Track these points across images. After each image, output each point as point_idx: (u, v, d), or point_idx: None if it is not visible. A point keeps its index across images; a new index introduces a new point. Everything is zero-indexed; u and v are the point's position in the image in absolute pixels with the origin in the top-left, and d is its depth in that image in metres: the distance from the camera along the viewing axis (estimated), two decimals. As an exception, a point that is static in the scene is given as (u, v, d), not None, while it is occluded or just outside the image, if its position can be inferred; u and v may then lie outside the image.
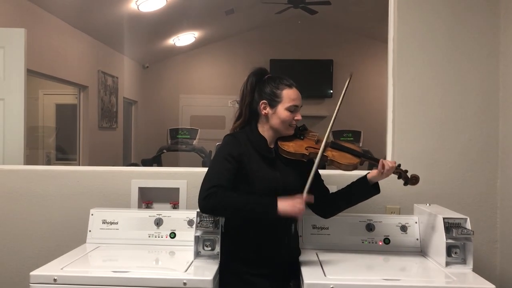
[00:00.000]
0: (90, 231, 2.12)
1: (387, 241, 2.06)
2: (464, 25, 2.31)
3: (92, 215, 2.15)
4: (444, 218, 1.84)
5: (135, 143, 7.06)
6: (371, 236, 2.07)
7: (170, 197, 2.35)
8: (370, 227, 2.08)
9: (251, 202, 1.73)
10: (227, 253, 1.86)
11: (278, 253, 1.85)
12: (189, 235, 2.03)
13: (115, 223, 2.13)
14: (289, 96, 1.83)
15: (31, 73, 3.77)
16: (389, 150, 2.36)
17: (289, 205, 1.70)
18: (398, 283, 1.63)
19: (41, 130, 5.91)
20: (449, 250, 1.81)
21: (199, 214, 1.87)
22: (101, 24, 5.50)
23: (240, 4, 6.05)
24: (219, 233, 1.87)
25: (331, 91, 7.05)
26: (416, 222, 2.08)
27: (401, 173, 1.87)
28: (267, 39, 6.80)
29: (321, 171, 1.99)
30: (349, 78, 1.88)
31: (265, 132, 1.88)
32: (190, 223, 2.10)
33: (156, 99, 7.20)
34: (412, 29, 2.32)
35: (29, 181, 2.41)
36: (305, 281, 1.64)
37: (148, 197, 2.37)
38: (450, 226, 1.83)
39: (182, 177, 2.36)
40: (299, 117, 1.86)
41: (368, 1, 5.59)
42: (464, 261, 1.81)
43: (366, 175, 1.87)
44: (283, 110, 1.83)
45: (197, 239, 1.89)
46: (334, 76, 7.03)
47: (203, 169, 2.08)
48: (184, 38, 6.76)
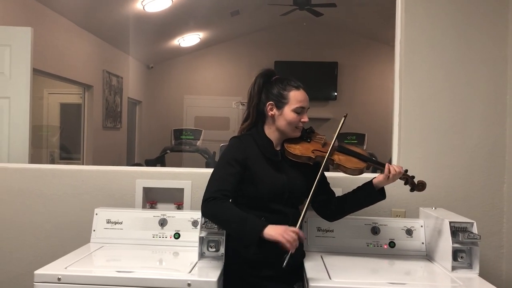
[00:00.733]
0: (94, 230, 2.12)
1: (392, 244, 2.05)
2: (472, 28, 2.30)
3: (97, 214, 2.15)
4: (450, 222, 1.83)
5: (139, 143, 7.05)
6: (376, 239, 2.06)
7: (174, 197, 2.35)
8: (375, 230, 2.07)
9: (240, 218, 1.68)
10: (232, 255, 1.85)
11: (283, 255, 1.83)
12: (193, 236, 2.03)
13: (119, 223, 2.13)
14: (296, 98, 1.82)
15: (36, 72, 3.77)
16: (394, 153, 2.35)
17: (277, 232, 1.62)
18: (404, 287, 1.62)
19: (45, 129, 5.91)
20: (455, 254, 1.80)
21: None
22: (106, 24, 5.51)
23: (246, 6, 6.05)
24: (223, 234, 1.87)
25: (336, 93, 7.03)
26: (421, 226, 2.07)
27: (408, 178, 1.85)
28: (272, 41, 6.79)
29: (326, 173, 1.97)
30: (343, 118, 1.87)
31: (272, 134, 1.88)
32: (195, 223, 2.09)
33: (160, 100, 7.19)
34: (419, 32, 2.31)
35: (34, 180, 2.41)
36: (310, 283, 1.63)
37: (153, 197, 2.36)
38: (456, 230, 1.82)
39: (187, 177, 2.35)
40: (305, 119, 1.85)
41: (373, 4, 5.57)
42: (470, 266, 1.80)
43: (371, 180, 1.85)
44: (289, 111, 1.82)
45: (201, 240, 1.88)
46: (338, 79, 7.01)
47: (208, 170, 2.08)
48: (189, 39, 6.75)
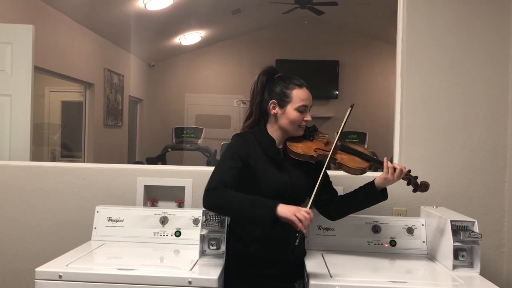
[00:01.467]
0: (95, 228, 2.12)
1: (393, 243, 2.05)
2: (474, 27, 2.29)
3: (98, 212, 2.15)
4: (451, 221, 1.83)
5: (140, 141, 7.05)
6: (377, 238, 2.06)
7: (175, 195, 2.35)
8: (376, 229, 2.07)
9: (250, 200, 1.65)
10: (233, 253, 1.85)
11: (284, 254, 1.83)
12: (194, 233, 2.03)
13: (120, 220, 2.13)
14: (299, 96, 1.81)
15: (38, 70, 3.77)
16: (396, 152, 2.35)
17: (290, 210, 1.60)
18: (405, 285, 1.62)
19: (46, 127, 5.91)
20: (456, 253, 1.80)
21: (205, 213, 1.86)
22: (108, 22, 5.51)
23: (247, 4, 6.04)
24: (224, 232, 1.87)
25: (337, 92, 7.03)
26: (422, 225, 2.07)
27: (410, 179, 1.83)
28: (273, 39, 6.78)
29: (328, 171, 1.96)
30: (350, 108, 1.85)
31: (274, 132, 1.87)
32: (196, 221, 2.09)
33: (161, 98, 7.19)
34: (421, 30, 2.31)
35: (35, 178, 2.42)
36: (311, 282, 1.63)
37: (154, 195, 2.37)
38: (457, 229, 1.82)
39: (188, 175, 2.35)
40: (308, 117, 1.84)
41: (375, 2, 5.56)
42: (471, 265, 1.80)
43: (373, 180, 1.84)
44: (292, 110, 1.81)
45: (202, 238, 1.88)
46: (340, 77, 7.00)
47: (209, 168, 2.07)
48: (190, 37, 6.75)
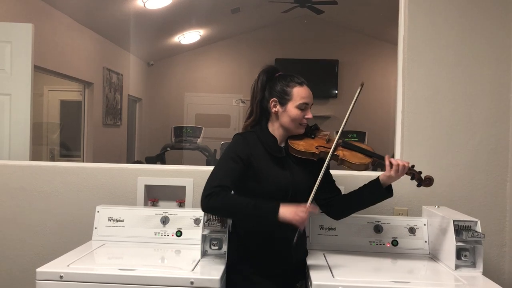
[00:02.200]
0: (96, 228, 2.11)
1: (395, 243, 2.04)
2: (476, 25, 2.29)
3: (98, 212, 2.14)
4: (454, 221, 1.82)
5: (139, 141, 7.03)
6: (379, 238, 2.05)
7: (176, 195, 2.34)
8: (378, 229, 2.06)
9: (252, 205, 1.68)
10: (234, 253, 1.85)
11: (286, 253, 1.82)
12: (195, 233, 2.02)
13: (121, 220, 2.12)
14: (299, 94, 1.81)
15: (37, 69, 3.75)
16: (397, 152, 2.34)
17: (291, 212, 1.64)
18: (408, 285, 1.61)
19: (45, 126, 5.90)
20: (459, 253, 1.79)
21: (207, 213, 1.85)
22: (107, 21, 5.49)
23: (246, 3, 6.03)
24: (226, 232, 1.86)
25: (336, 91, 7.02)
26: (424, 224, 2.07)
27: (414, 173, 1.82)
28: (272, 38, 6.76)
29: (331, 171, 1.96)
30: (360, 87, 1.82)
31: (275, 130, 1.86)
32: (197, 221, 2.08)
33: (160, 97, 7.18)
34: (423, 29, 2.30)
35: (35, 177, 2.40)
36: (313, 282, 1.62)
37: (154, 195, 2.35)
38: (460, 229, 1.81)
39: (189, 175, 2.34)
40: (309, 115, 1.84)
41: (375, 2, 5.55)
42: (473, 265, 1.80)
43: (378, 177, 1.83)
44: (293, 108, 1.80)
45: (204, 238, 1.87)
46: (339, 77, 6.99)
47: (210, 168, 2.05)
48: (189, 36, 6.73)
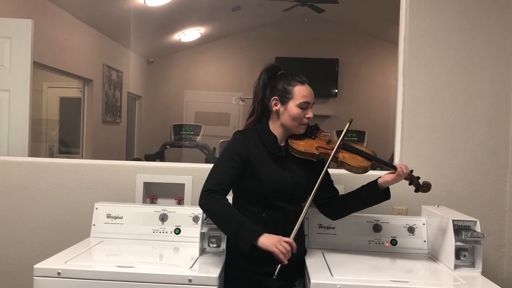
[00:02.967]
0: (94, 225, 2.11)
1: (394, 242, 2.04)
2: (476, 25, 2.28)
3: (97, 209, 2.14)
4: (453, 221, 1.82)
5: (138, 138, 7.03)
6: (378, 237, 2.05)
7: (175, 192, 2.33)
8: (377, 228, 2.06)
9: (236, 222, 1.65)
10: (232, 251, 1.84)
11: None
12: (194, 231, 2.02)
13: (119, 217, 2.11)
14: (300, 93, 1.80)
15: (36, 65, 3.74)
16: (397, 151, 2.34)
17: (271, 242, 1.60)
18: (406, 285, 1.61)
19: (44, 123, 5.89)
20: (458, 253, 1.79)
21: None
22: (107, 18, 5.48)
23: (247, 1, 6.02)
24: (225, 230, 1.85)
25: (336, 90, 7.01)
26: (424, 224, 2.06)
27: (413, 179, 1.82)
28: (273, 37, 6.76)
29: (329, 170, 1.95)
30: (348, 123, 1.83)
31: (276, 129, 1.86)
32: (195, 219, 2.08)
33: (160, 95, 7.17)
34: (424, 29, 2.29)
35: (34, 174, 2.40)
36: (312, 280, 1.62)
37: (153, 192, 2.35)
38: (459, 229, 1.81)
39: (188, 173, 2.34)
40: (310, 114, 1.83)
41: (376, 1, 5.54)
42: (473, 264, 1.79)
43: (377, 179, 1.82)
44: (294, 106, 1.80)
45: (202, 235, 1.87)
46: (339, 76, 6.99)
47: (209, 165, 2.05)
48: (189, 34, 6.72)
